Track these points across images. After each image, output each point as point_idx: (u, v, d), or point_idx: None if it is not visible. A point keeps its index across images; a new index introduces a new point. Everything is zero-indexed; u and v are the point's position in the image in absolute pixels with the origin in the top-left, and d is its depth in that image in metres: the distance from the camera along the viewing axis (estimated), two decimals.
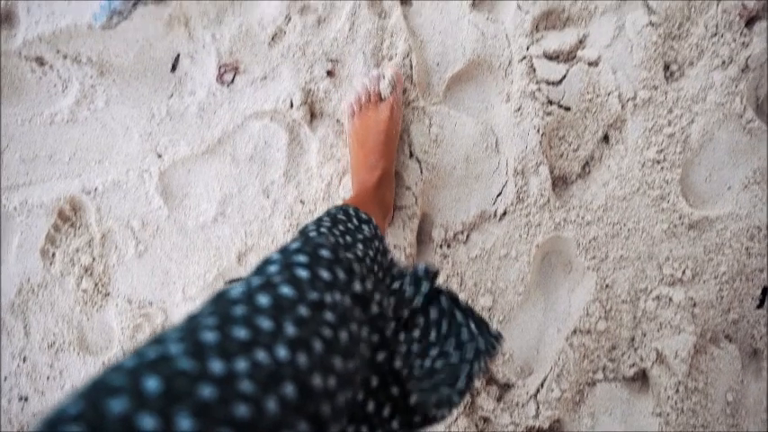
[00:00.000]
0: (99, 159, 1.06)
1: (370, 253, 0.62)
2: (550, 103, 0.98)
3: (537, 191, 0.98)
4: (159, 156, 1.05)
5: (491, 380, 1.01)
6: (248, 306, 0.42)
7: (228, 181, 1.04)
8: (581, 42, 0.99)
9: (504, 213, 1.00)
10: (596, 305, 0.98)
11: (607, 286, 0.98)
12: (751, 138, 0.97)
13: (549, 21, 1.01)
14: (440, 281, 1.00)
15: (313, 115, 1.03)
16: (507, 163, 0.99)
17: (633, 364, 0.98)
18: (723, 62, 0.96)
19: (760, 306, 1.01)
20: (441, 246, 1.01)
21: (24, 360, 1.04)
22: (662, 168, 0.97)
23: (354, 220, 0.69)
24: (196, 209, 1.04)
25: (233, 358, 0.36)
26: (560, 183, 1.02)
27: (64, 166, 1.07)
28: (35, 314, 1.05)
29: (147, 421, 0.30)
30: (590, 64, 0.98)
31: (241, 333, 0.39)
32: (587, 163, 1.01)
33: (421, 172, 1.00)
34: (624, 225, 0.98)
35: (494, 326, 0.98)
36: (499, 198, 1.00)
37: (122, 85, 1.06)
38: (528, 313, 1.01)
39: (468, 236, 1.01)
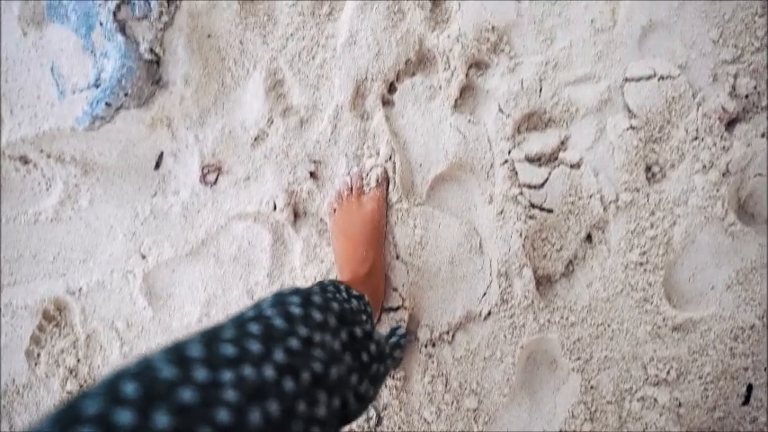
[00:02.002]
0: (83, 259, 1.06)
1: (356, 330, 0.61)
2: (533, 206, 0.98)
3: (521, 292, 0.98)
4: (143, 257, 1.05)
5: None
6: (238, 330, 0.43)
7: (213, 282, 1.04)
8: (563, 144, 0.99)
9: (489, 314, 1.00)
10: (581, 407, 0.97)
11: (592, 387, 0.98)
12: (733, 240, 0.97)
13: (530, 122, 1.01)
14: (425, 381, 1.00)
15: (296, 215, 1.03)
16: (491, 264, 0.99)
17: None
18: (704, 166, 0.96)
19: (745, 403, 1.01)
20: (426, 345, 1.01)
21: None
22: (645, 270, 0.97)
23: (344, 293, 0.68)
24: (180, 310, 1.04)
25: (218, 369, 0.37)
26: (545, 282, 1.02)
27: (48, 265, 1.07)
28: (20, 415, 1.05)
29: (124, 415, 0.30)
30: (572, 166, 0.98)
31: (228, 350, 0.39)
32: (571, 262, 1.01)
33: (408, 273, 1.00)
34: (608, 326, 0.98)
35: (479, 427, 0.98)
36: (484, 299, 1.00)
37: (106, 183, 1.06)
38: (513, 414, 1.01)
39: (453, 336, 1.01)
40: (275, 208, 1.02)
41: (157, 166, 1.07)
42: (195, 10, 0.99)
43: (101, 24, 0.96)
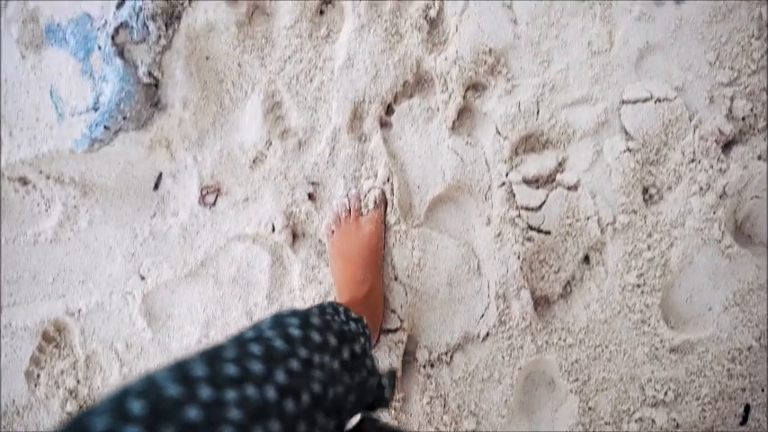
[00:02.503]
0: (82, 280, 1.07)
1: (356, 347, 0.62)
2: (531, 228, 0.98)
3: (519, 314, 0.98)
4: (142, 278, 1.05)
5: None
6: (239, 350, 0.43)
7: (212, 303, 1.04)
8: (560, 165, 1.00)
9: (487, 335, 1.00)
10: (579, 428, 0.98)
11: (590, 409, 0.99)
12: (730, 261, 0.97)
13: (527, 144, 1.02)
14: (423, 402, 1.00)
15: (295, 236, 1.03)
16: (489, 286, 0.99)
17: None
18: (701, 188, 0.96)
19: (743, 423, 1.01)
20: (424, 366, 1.01)
21: None
22: (642, 292, 0.98)
23: (342, 316, 0.69)
24: (180, 331, 1.05)
25: (223, 388, 0.38)
26: (542, 302, 1.02)
27: (48, 286, 1.07)
28: None
29: None
30: (569, 188, 0.99)
31: (231, 370, 0.40)
32: (569, 283, 1.02)
33: (406, 295, 1.00)
34: (606, 347, 0.99)
35: None
36: (482, 320, 1.00)
37: (105, 204, 1.07)
38: None
39: (451, 357, 1.01)
40: (274, 230, 1.02)
41: (156, 186, 1.07)
42: (193, 33, 0.99)
43: (99, 48, 0.97)
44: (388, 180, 1.00)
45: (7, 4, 1.01)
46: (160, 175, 1.07)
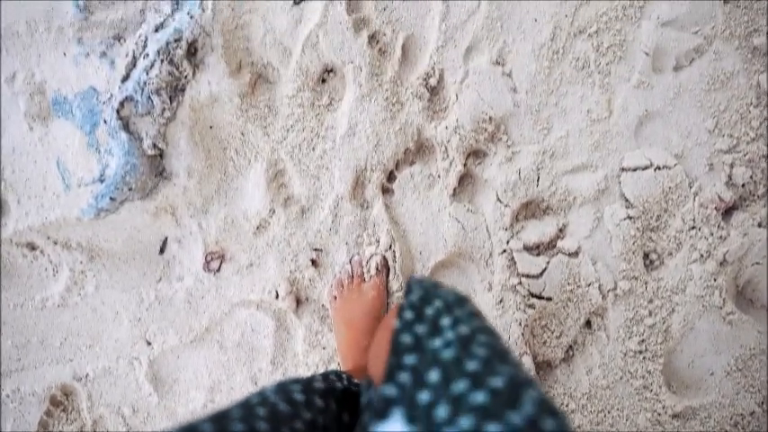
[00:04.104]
0: (89, 344, 1.08)
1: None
2: (532, 295, 0.99)
3: None
4: (149, 343, 1.06)
5: None
6: (246, 411, 0.45)
7: (217, 368, 1.05)
8: (561, 232, 1.00)
9: None
10: None
11: None
12: (732, 327, 0.98)
13: (528, 210, 1.02)
14: None
15: (299, 301, 1.04)
16: None
17: None
18: (701, 255, 0.97)
19: None
20: None
21: None
22: (644, 358, 0.98)
23: (345, 382, 0.70)
24: (185, 395, 1.06)
25: None
26: (545, 367, 1.03)
27: (55, 351, 1.08)
28: None
29: None
30: (570, 255, 0.99)
31: (238, 427, 0.42)
32: (570, 348, 1.02)
33: None
34: (608, 413, 0.99)
35: None
36: None
37: (112, 269, 1.08)
38: None
39: None
40: (278, 296, 1.03)
41: (162, 251, 1.08)
42: (197, 104, 1.01)
43: (105, 122, 0.98)
44: (391, 247, 1.01)
45: (15, 76, 1.03)
46: (165, 239, 1.08)
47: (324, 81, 1.05)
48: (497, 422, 0.30)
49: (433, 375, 0.37)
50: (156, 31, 1.00)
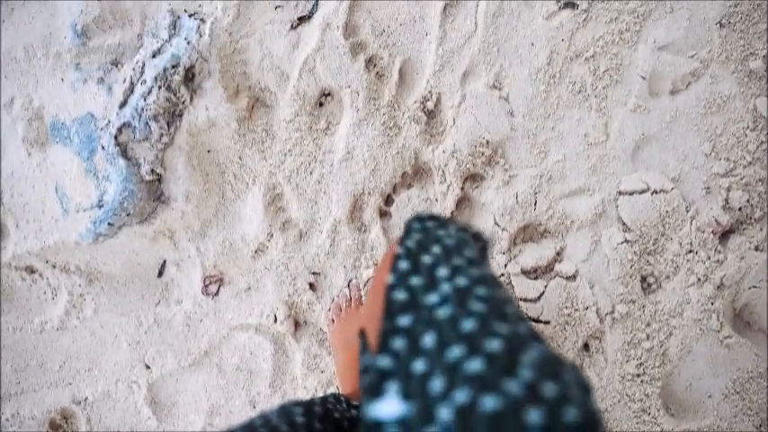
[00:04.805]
0: (89, 368, 1.08)
1: None
2: (530, 319, 0.99)
3: None
4: (147, 366, 1.07)
5: None
6: (249, 431, 0.46)
7: (216, 391, 1.06)
8: (558, 255, 1.01)
9: None
10: None
11: None
12: (729, 351, 0.98)
13: (525, 234, 1.03)
14: None
15: (297, 325, 1.05)
16: None
17: None
18: (699, 279, 0.97)
19: None
20: None
21: None
22: (642, 382, 0.98)
23: (344, 404, 0.70)
24: (184, 419, 1.06)
25: None
26: None
27: (54, 374, 1.09)
28: None
29: None
30: (567, 278, 1.00)
31: None
32: None
33: None
34: None
35: None
36: None
37: (110, 292, 1.08)
38: None
39: None
40: (276, 320, 1.03)
41: (161, 274, 1.09)
42: (195, 129, 1.01)
43: (102, 148, 0.98)
44: None
45: (13, 102, 1.03)
46: (164, 262, 1.08)
47: (321, 105, 1.05)
48: (493, 394, 0.27)
49: (428, 339, 0.33)
50: (154, 56, 1.00)
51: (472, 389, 0.28)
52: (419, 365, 0.31)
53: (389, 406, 0.29)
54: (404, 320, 0.35)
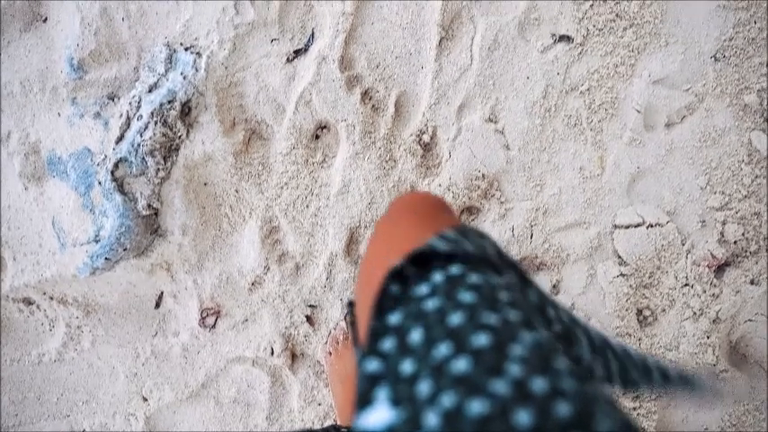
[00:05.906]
0: (86, 400, 1.08)
1: None
2: None
3: None
4: (145, 399, 1.07)
5: None
6: None
7: (213, 424, 1.06)
8: (554, 288, 1.01)
9: None
10: None
11: None
12: (725, 384, 0.98)
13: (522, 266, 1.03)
14: None
15: (294, 357, 1.05)
16: None
17: None
18: (694, 313, 0.97)
19: None
20: None
21: None
22: (638, 415, 0.98)
23: None
24: None
25: None
26: None
27: (52, 406, 1.09)
28: None
29: None
30: None
31: None
32: None
33: None
34: None
35: None
36: None
37: (108, 323, 1.08)
38: None
39: None
40: (273, 352, 1.03)
41: (158, 305, 1.09)
42: (191, 163, 1.01)
43: (99, 183, 0.99)
44: None
45: (10, 136, 1.04)
46: (161, 294, 1.08)
47: (317, 138, 1.05)
48: (480, 396, 0.25)
49: (416, 335, 0.30)
50: (150, 91, 1.00)
51: (458, 392, 0.26)
52: (407, 366, 0.29)
53: (379, 414, 0.27)
54: (394, 317, 0.32)
